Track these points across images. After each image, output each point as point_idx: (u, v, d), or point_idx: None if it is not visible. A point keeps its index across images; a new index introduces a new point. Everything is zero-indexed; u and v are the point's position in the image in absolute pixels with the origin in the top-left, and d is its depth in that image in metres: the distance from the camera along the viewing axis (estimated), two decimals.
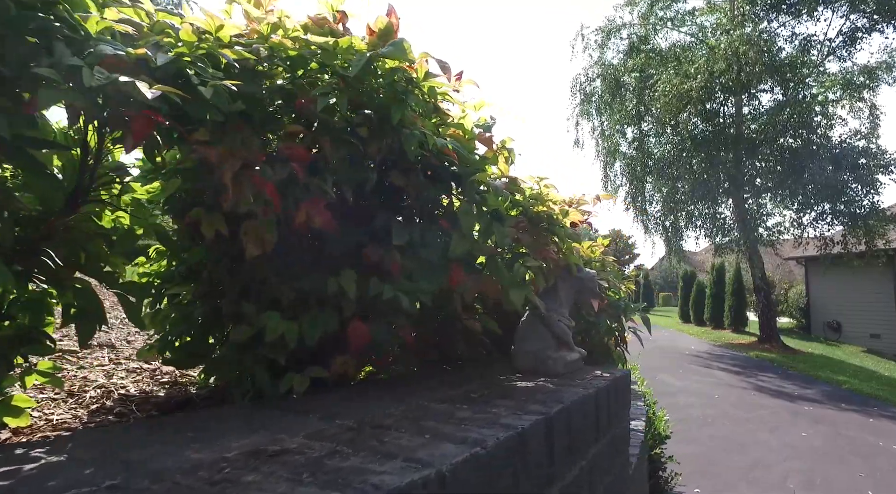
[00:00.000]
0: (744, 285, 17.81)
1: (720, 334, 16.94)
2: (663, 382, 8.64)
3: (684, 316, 22.05)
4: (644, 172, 14.98)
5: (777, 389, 8.38)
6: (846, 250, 12.65)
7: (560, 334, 1.58)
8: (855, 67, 13.35)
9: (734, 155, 13.30)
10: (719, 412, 6.77)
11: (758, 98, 14.20)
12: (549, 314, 1.51)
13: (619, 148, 15.67)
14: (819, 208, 12.68)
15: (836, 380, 9.16)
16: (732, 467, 4.77)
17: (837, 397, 7.90)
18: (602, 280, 1.92)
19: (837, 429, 6.06)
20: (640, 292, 31.15)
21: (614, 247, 42.11)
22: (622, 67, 14.81)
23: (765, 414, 6.70)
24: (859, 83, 13.09)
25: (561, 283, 1.64)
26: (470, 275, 1.38)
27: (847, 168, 12.05)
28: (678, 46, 14.25)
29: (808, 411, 6.96)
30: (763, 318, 14.05)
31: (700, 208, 14.85)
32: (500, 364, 1.71)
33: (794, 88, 12.40)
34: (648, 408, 3.66)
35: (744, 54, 11.38)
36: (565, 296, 1.64)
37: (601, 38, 15.56)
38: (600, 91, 15.44)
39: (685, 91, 12.09)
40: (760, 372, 9.91)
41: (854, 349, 15.46)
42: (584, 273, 1.70)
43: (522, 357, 1.58)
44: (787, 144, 12.59)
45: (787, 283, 20.63)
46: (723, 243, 15.10)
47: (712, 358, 11.74)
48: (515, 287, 1.39)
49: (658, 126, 14.29)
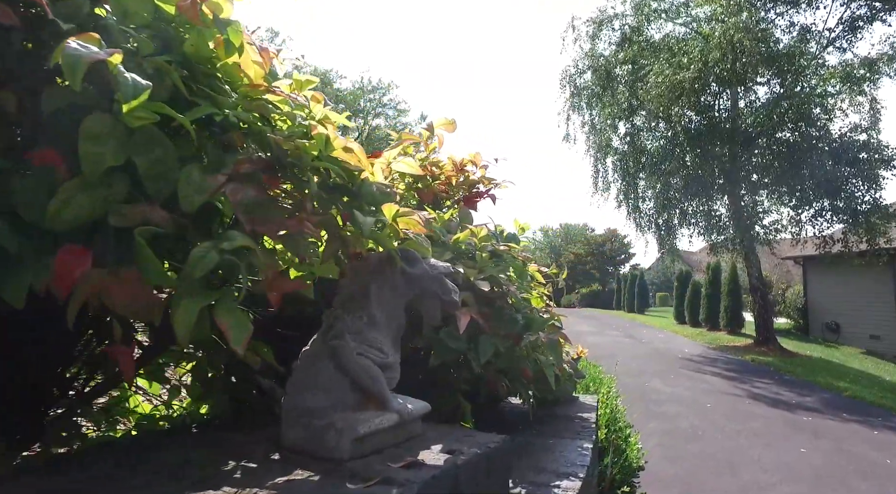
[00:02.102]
0: (740, 285, 17.28)
1: (715, 335, 16.39)
2: (652, 389, 8.10)
3: (679, 317, 21.49)
4: (636, 168, 14.41)
5: (773, 397, 7.83)
6: (847, 249, 12.09)
7: (360, 377, 0.94)
8: (855, 59, 12.82)
9: (730, 150, 12.75)
10: (710, 423, 6.22)
11: (754, 91, 13.68)
12: (338, 342, 0.93)
13: (610, 143, 15.08)
14: (818, 204, 12.13)
15: (836, 386, 8.61)
16: (720, 492, 4.21)
17: (838, 405, 7.35)
18: (485, 280, 1.33)
19: (839, 444, 5.51)
20: (635, 292, 30.56)
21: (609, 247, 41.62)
22: (613, 59, 14.24)
23: (760, 426, 6.14)
24: (859, 76, 12.57)
25: (375, 285, 1.01)
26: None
27: (847, 163, 11.50)
28: (672, 37, 13.69)
29: (807, 422, 6.41)
30: (760, 319, 13.51)
31: (694, 205, 14.30)
32: (263, 434, 1.07)
33: (793, 79, 11.84)
34: (621, 433, 3.10)
35: (739, 42, 10.82)
36: (384, 307, 1.00)
37: (593, 30, 14.97)
38: (590, 83, 14.86)
39: (678, 82, 11.52)
40: (756, 378, 9.36)
41: (853, 351, 14.96)
42: (423, 267, 1.06)
43: (291, 423, 0.96)
44: (785, 138, 12.04)
45: (785, 283, 20.14)
46: (718, 242, 14.55)
47: (706, 362, 11.19)
48: (190, 297, 0.72)
49: (650, 120, 13.72)
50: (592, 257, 42.30)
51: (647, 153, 14.15)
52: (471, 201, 1.66)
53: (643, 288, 30.87)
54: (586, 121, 15.43)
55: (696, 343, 14.68)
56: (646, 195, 15.13)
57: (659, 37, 14.10)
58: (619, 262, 42.60)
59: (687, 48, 12.33)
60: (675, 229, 14.79)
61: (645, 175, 14.51)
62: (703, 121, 12.95)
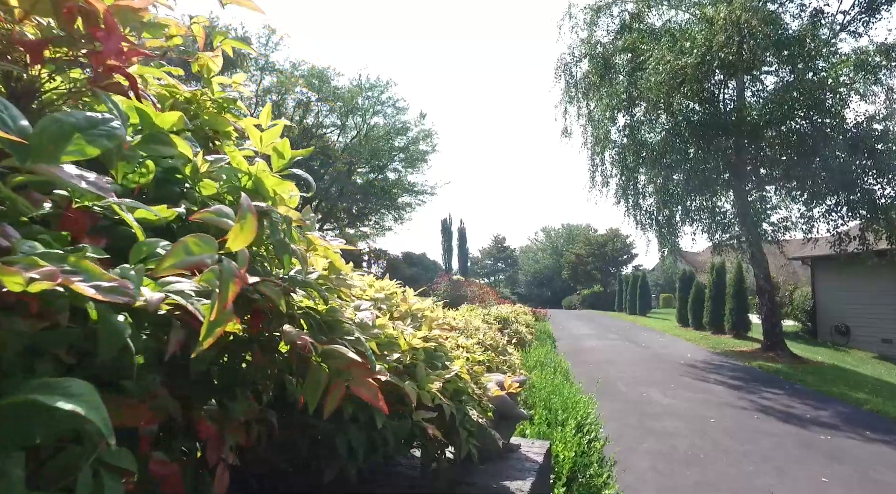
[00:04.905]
0: (746, 287, 16.47)
1: (720, 339, 15.56)
2: (650, 400, 7.32)
3: (682, 320, 20.67)
4: (636, 162, 13.56)
5: (784, 410, 7.02)
6: (865, 247, 11.22)
7: None
8: (871, 46, 12.00)
9: (735, 142, 11.93)
10: (712, 443, 5.43)
11: (761, 80, 12.85)
12: None
13: (609, 136, 14.26)
14: (832, 199, 11.28)
15: (854, 398, 7.80)
16: None
17: (858, 421, 6.54)
18: None
19: (865, 471, 4.71)
20: (637, 293, 29.70)
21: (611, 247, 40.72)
22: (612, 46, 13.44)
23: (770, 447, 5.35)
24: (875, 64, 11.74)
25: None
26: None
27: (864, 154, 10.65)
28: (673, 22, 12.88)
29: (825, 442, 5.61)
30: (767, 323, 12.67)
31: (697, 202, 13.48)
32: None
33: (804, 65, 10.98)
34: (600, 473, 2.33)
35: (746, 23, 10.00)
36: None
37: (590, 17, 14.18)
38: (588, 73, 14.06)
39: (680, 68, 10.71)
40: (764, 387, 8.55)
41: (864, 356, 14.16)
42: None
43: None
44: (796, 128, 11.19)
45: (792, 284, 19.35)
46: (723, 240, 13.73)
47: (710, 369, 10.38)
48: None
49: (651, 110, 12.88)
50: (594, 258, 41.42)
51: (648, 146, 13.31)
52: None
53: (645, 290, 30.01)
54: (583, 112, 14.62)
55: (699, 348, 13.87)
56: (646, 191, 14.31)
57: (660, 23, 13.32)
58: (621, 263, 41.69)
59: (690, 32, 11.51)
60: (677, 226, 13.95)
61: (645, 169, 13.68)
62: (707, 111, 12.14)
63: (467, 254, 54.21)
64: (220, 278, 0.52)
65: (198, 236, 0.57)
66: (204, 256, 0.57)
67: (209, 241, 0.58)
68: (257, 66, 26.15)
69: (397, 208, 32.43)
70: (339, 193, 29.13)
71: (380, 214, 32.77)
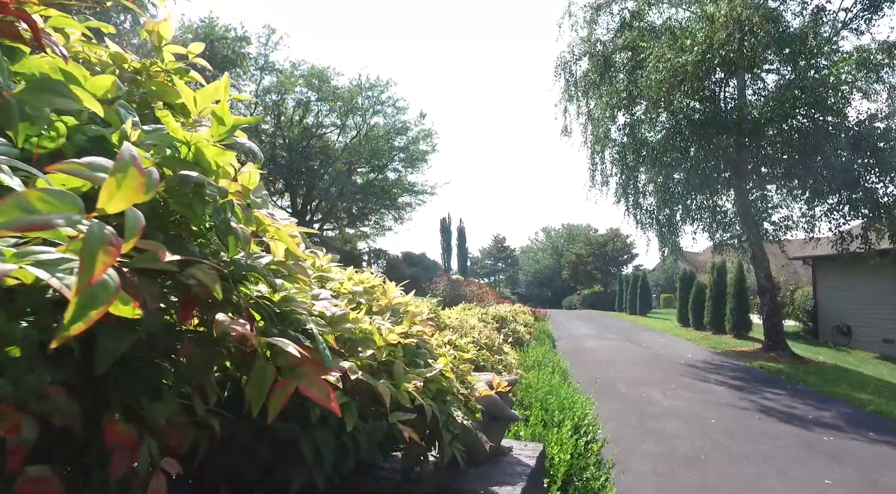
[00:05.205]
0: (747, 287, 16.38)
1: (721, 339, 15.47)
2: (650, 400, 7.24)
3: (683, 320, 20.57)
4: (636, 161, 13.47)
5: (786, 411, 6.94)
6: (867, 247, 11.12)
7: None
8: (873, 44, 11.90)
9: (736, 140, 11.83)
10: (713, 444, 5.35)
11: (762, 79, 12.77)
12: None
13: (608, 134, 14.17)
14: (834, 198, 11.18)
15: (856, 399, 7.71)
16: None
17: (861, 422, 6.45)
18: None
19: (869, 474, 4.62)
20: (637, 293, 29.59)
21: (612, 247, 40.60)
22: (612, 44, 13.36)
23: (772, 448, 5.27)
24: (877, 62, 11.64)
25: None
26: None
27: (867, 153, 10.55)
28: (674, 20, 12.79)
29: (828, 443, 5.53)
30: (768, 323, 12.58)
31: (698, 201, 13.38)
32: None
33: (806, 62, 10.89)
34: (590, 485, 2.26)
35: (747, 20, 9.91)
36: None
37: (591, 15, 14.11)
38: (588, 71, 13.97)
39: (680, 65, 10.61)
40: (766, 387, 8.46)
41: (866, 356, 14.08)
42: None
43: None
44: (797, 126, 11.09)
45: (793, 284, 19.27)
46: (724, 240, 13.63)
47: (710, 369, 10.29)
48: None
49: (651, 109, 12.79)
50: (594, 258, 41.31)
51: (648, 145, 13.22)
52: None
53: (645, 289, 29.91)
54: (583, 111, 14.54)
55: (699, 348, 13.78)
56: (646, 190, 14.22)
57: (660, 21, 13.23)
58: (621, 262, 41.58)
59: (690, 30, 11.42)
60: (677, 226, 13.86)
61: (645, 168, 13.58)
62: (708, 109, 12.04)
63: (467, 254, 54.14)
64: (84, 244, 0.43)
65: (48, 191, 0.46)
66: (53, 215, 0.45)
67: (65, 197, 0.47)
68: (257, 65, 26.12)
69: (397, 208, 32.38)
70: (339, 193, 29.08)
71: (380, 214, 32.73)
